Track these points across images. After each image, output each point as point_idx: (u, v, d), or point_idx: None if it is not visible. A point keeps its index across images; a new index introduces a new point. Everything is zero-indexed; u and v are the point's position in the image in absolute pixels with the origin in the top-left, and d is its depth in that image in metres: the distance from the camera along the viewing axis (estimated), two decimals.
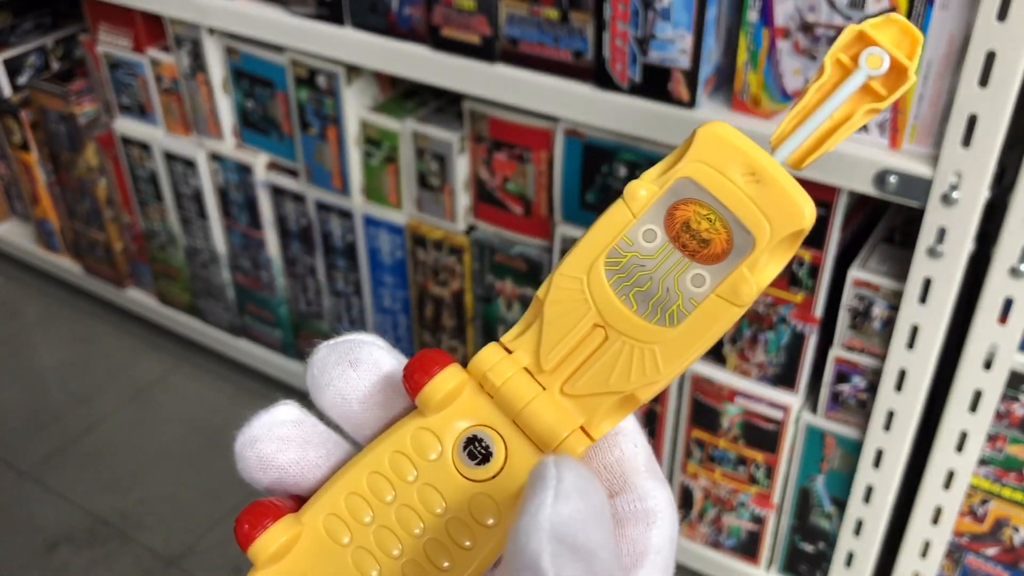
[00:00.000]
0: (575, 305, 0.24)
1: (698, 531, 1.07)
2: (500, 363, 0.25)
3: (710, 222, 0.23)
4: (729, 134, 0.23)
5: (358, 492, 0.25)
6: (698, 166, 0.23)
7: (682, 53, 0.78)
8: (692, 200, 0.23)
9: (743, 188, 0.23)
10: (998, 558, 0.88)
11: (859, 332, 0.85)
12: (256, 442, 0.25)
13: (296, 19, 1.00)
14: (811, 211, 0.23)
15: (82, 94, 1.35)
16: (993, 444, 0.83)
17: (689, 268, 0.23)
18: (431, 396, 0.24)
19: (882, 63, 0.23)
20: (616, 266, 0.24)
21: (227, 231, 1.30)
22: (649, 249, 0.24)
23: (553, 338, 0.24)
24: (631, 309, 0.24)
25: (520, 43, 0.87)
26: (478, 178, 1.02)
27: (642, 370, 0.24)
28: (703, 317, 0.23)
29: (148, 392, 1.43)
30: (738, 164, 0.23)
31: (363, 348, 0.26)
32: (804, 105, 0.24)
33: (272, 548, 0.24)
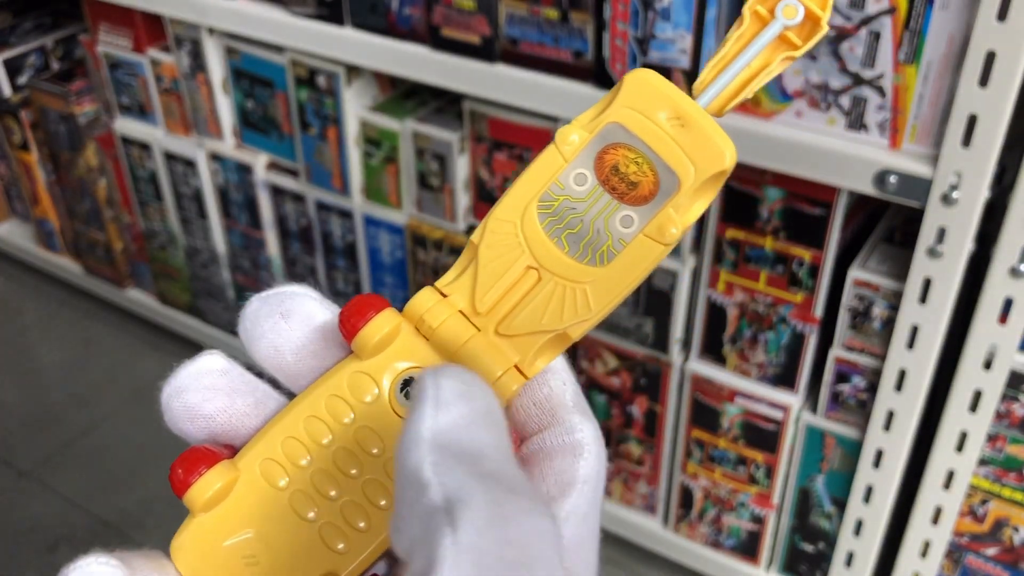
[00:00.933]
0: (509, 248, 0.25)
1: (698, 531, 1.07)
2: (435, 306, 0.25)
3: (638, 165, 0.24)
4: (656, 80, 0.24)
5: (295, 436, 0.25)
6: (626, 111, 0.24)
7: (682, 53, 0.78)
8: (621, 144, 0.24)
9: (669, 132, 0.24)
10: (998, 558, 0.88)
11: (859, 332, 0.85)
12: (182, 392, 0.25)
13: (296, 19, 1.00)
14: (732, 153, 0.24)
15: (82, 94, 1.35)
16: (993, 444, 0.83)
17: (618, 210, 0.24)
18: (367, 340, 0.25)
19: (796, 13, 0.24)
20: (548, 209, 0.25)
21: (227, 231, 1.30)
22: (580, 192, 0.24)
23: (487, 281, 0.25)
24: (563, 250, 0.25)
25: (520, 43, 0.87)
26: (478, 178, 1.02)
27: (574, 308, 0.25)
28: (631, 256, 0.24)
29: (148, 392, 1.42)
30: (664, 109, 0.24)
31: (295, 299, 0.26)
32: (724, 54, 0.25)
33: (208, 494, 0.24)
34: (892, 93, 0.73)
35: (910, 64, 0.71)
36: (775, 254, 0.86)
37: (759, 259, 0.87)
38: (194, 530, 0.25)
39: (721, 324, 0.92)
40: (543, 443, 0.25)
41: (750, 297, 0.89)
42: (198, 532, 0.25)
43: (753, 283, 0.88)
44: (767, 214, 0.84)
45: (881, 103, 0.73)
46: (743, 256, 0.87)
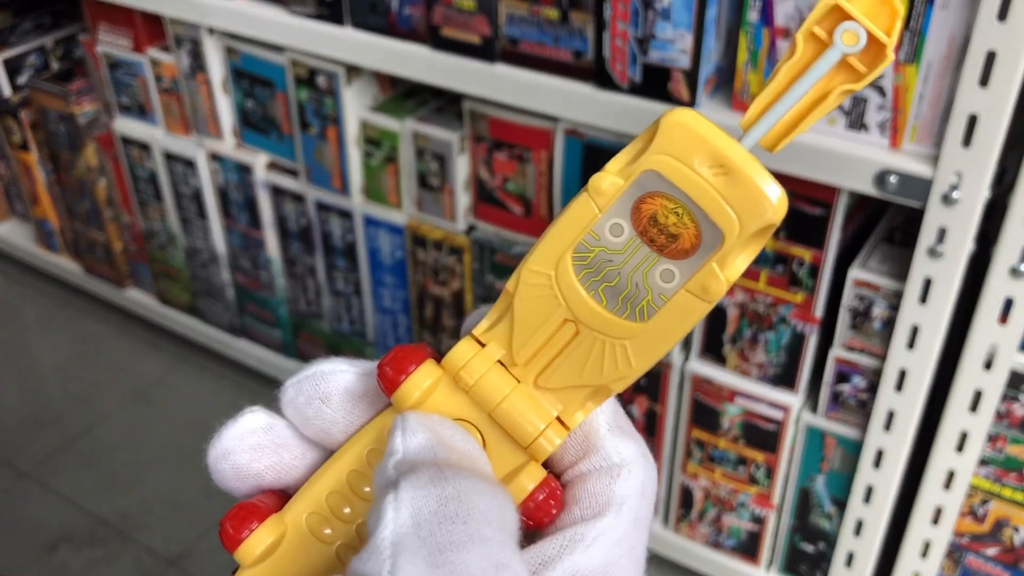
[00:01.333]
0: (545, 301, 0.24)
1: (698, 531, 1.07)
2: (474, 359, 0.24)
3: (677, 216, 0.23)
4: (694, 123, 0.22)
5: (338, 491, 0.25)
6: (663, 158, 0.22)
7: (682, 53, 0.78)
8: (659, 193, 0.23)
9: (710, 181, 0.22)
10: (998, 558, 0.88)
11: (859, 332, 0.85)
12: (229, 454, 0.25)
13: (296, 19, 1.00)
14: (781, 204, 0.22)
15: (82, 94, 1.35)
16: (993, 444, 0.83)
17: (658, 263, 0.23)
18: (407, 395, 0.24)
19: (859, 39, 0.22)
20: (584, 261, 0.24)
21: (227, 231, 1.30)
22: (616, 244, 0.23)
23: (524, 333, 0.24)
24: (601, 304, 0.24)
25: (520, 43, 0.87)
26: (478, 178, 1.02)
27: (614, 365, 0.24)
28: (673, 312, 0.23)
29: (148, 392, 1.43)
30: (704, 155, 0.22)
31: (329, 380, 0.25)
32: (776, 85, 0.23)
33: (259, 549, 0.24)
34: (892, 93, 0.73)
35: (910, 64, 0.71)
36: (775, 254, 0.86)
37: (759, 259, 0.87)
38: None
39: (721, 324, 0.92)
40: (578, 471, 0.25)
41: (750, 297, 0.89)
42: None
43: (753, 283, 0.88)
44: None
45: (881, 103, 0.73)
46: None
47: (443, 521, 0.19)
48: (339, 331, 1.26)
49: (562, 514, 0.24)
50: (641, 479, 0.24)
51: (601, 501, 0.24)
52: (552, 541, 0.23)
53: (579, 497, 0.24)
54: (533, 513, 0.24)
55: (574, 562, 0.22)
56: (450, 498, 0.20)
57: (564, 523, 0.24)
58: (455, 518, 0.20)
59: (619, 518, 0.23)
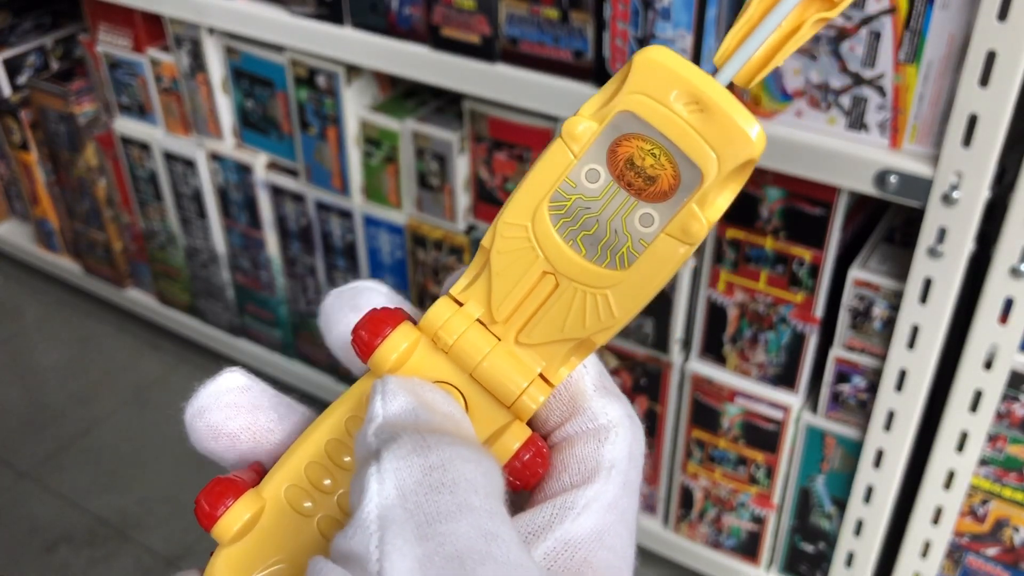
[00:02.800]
0: (522, 254, 0.23)
1: (698, 531, 1.07)
2: (452, 318, 0.24)
3: (654, 157, 0.22)
4: (668, 59, 0.21)
5: (317, 460, 0.24)
6: (637, 98, 0.21)
7: (682, 53, 0.78)
8: (634, 135, 0.22)
9: (686, 118, 0.21)
10: (998, 558, 0.88)
11: (859, 332, 0.85)
12: (204, 412, 0.25)
13: (296, 19, 1.00)
14: (760, 139, 0.21)
15: (82, 94, 1.35)
16: (993, 444, 0.83)
17: (636, 207, 0.22)
18: (384, 359, 0.23)
19: None
20: (561, 210, 0.23)
21: (227, 231, 1.30)
22: (593, 190, 0.22)
23: (503, 289, 0.23)
24: (580, 254, 0.23)
25: (520, 43, 0.87)
26: (478, 178, 1.02)
27: (596, 315, 0.23)
28: (654, 258, 0.22)
29: (148, 392, 1.43)
30: (680, 92, 0.21)
31: (364, 294, 0.26)
32: (749, 17, 0.22)
33: (236, 526, 0.23)
34: (892, 93, 0.73)
35: (910, 64, 0.71)
36: (775, 254, 0.86)
37: (759, 259, 0.87)
38: (224, 562, 0.24)
39: (721, 324, 0.92)
40: (564, 433, 0.24)
41: (750, 297, 0.89)
42: (228, 563, 0.24)
43: (753, 283, 0.88)
44: (767, 214, 0.84)
45: (881, 103, 0.73)
46: (743, 256, 0.87)
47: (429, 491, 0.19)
48: None
49: (551, 480, 0.23)
50: (629, 441, 0.24)
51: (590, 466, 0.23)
52: (542, 509, 0.23)
53: (567, 462, 0.23)
54: (519, 473, 0.23)
55: (565, 530, 0.22)
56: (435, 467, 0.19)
57: (553, 490, 0.23)
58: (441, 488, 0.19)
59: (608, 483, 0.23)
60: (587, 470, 0.23)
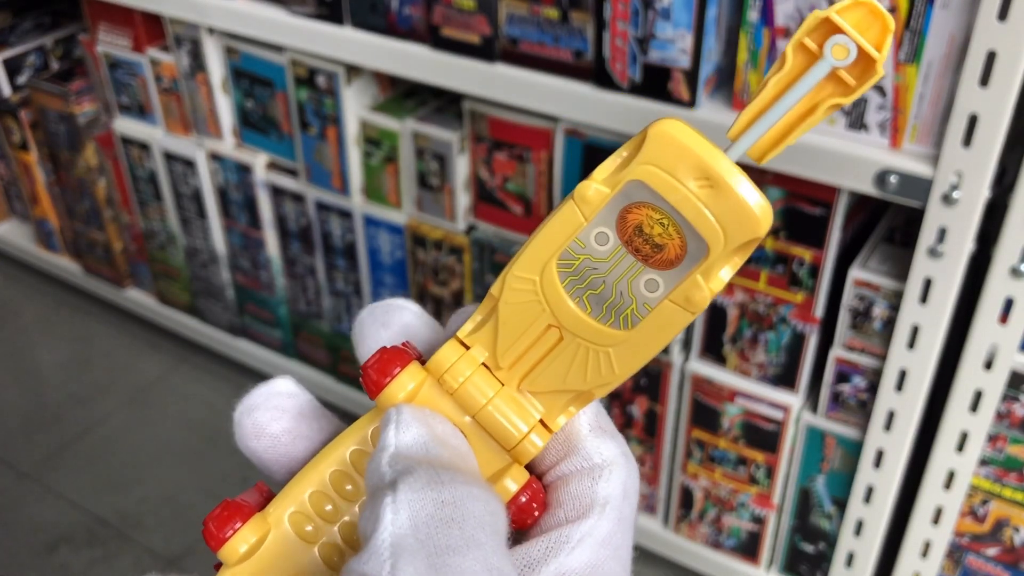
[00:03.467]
0: (529, 306, 0.24)
1: (698, 531, 1.07)
2: (459, 362, 0.25)
3: (663, 227, 0.23)
4: (681, 134, 0.22)
5: (321, 489, 0.25)
6: (649, 169, 0.22)
7: (682, 53, 0.78)
8: (645, 203, 0.23)
9: (696, 193, 0.22)
10: (998, 558, 0.88)
11: (859, 332, 0.85)
12: (253, 410, 0.26)
13: (296, 19, 1.00)
14: (766, 217, 0.22)
15: (82, 94, 1.35)
16: (994, 444, 0.83)
17: (643, 273, 0.23)
18: (391, 398, 0.24)
19: (848, 53, 0.21)
20: (569, 268, 0.24)
21: (227, 231, 1.30)
22: (602, 252, 0.23)
23: (509, 337, 0.24)
24: (585, 312, 0.24)
25: (520, 43, 0.87)
26: (478, 178, 1.02)
27: (598, 371, 0.24)
28: (657, 322, 0.23)
29: (148, 392, 1.43)
30: (691, 167, 0.22)
31: (395, 312, 0.27)
32: (764, 96, 0.22)
33: (242, 548, 0.24)
34: (892, 93, 0.73)
35: (910, 64, 0.71)
36: (775, 254, 0.86)
37: (759, 259, 0.87)
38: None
39: (721, 324, 0.92)
40: (560, 472, 0.25)
41: (750, 297, 0.89)
42: None
43: (753, 283, 0.88)
44: None
45: (881, 103, 0.73)
46: None
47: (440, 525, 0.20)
48: (339, 331, 1.26)
49: (546, 516, 0.24)
50: (623, 479, 0.24)
51: (584, 502, 0.24)
52: (537, 543, 0.23)
53: (562, 499, 0.24)
54: (516, 515, 0.24)
55: (560, 564, 0.23)
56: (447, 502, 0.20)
57: (548, 525, 0.24)
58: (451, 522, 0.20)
59: (603, 519, 0.23)
60: (582, 506, 0.24)
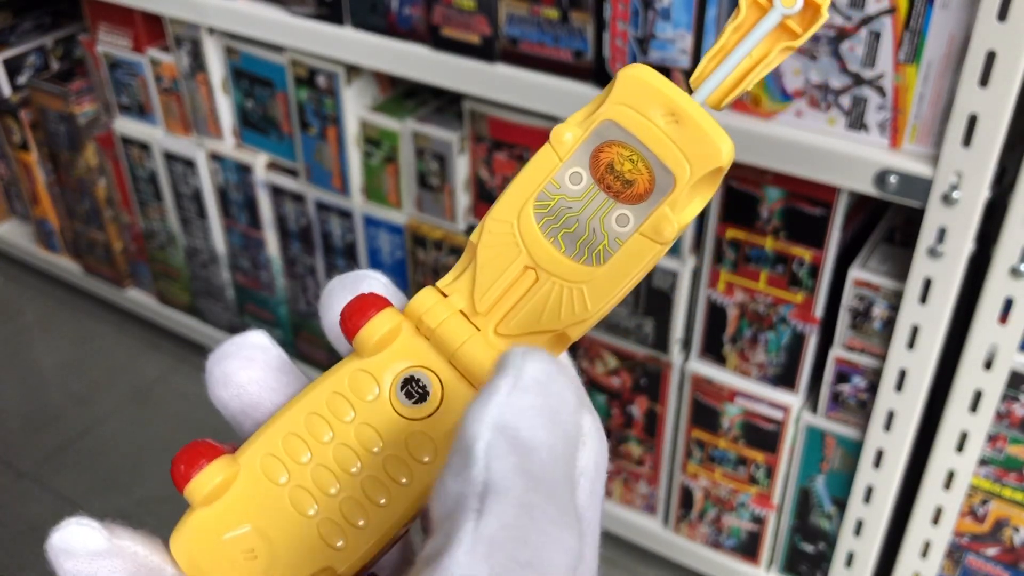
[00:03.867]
0: (506, 248, 0.25)
1: (698, 531, 1.07)
2: (435, 306, 0.25)
3: (632, 163, 0.24)
4: (649, 76, 0.24)
5: (296, 432, 0.25)
6: (620, 108, 0.24)
7: (682, 53, 0.78)
8: (615, 142, 0.24)
9: (663, 129, 0.23)
10: (998, 558, 0.88)
11: (859, 332, 0.85)
12: (224, 359, 0.27)
13: (296, 19, 1.00)
14: (728, 149, 0.23)
15: (82, 94, 1.35)
16: (993, 444, 0.83)
17: (614, 208, 0.24)
18: (367, 339, 0.25)
19: (795, 2, 0.23)
20: (544, 209, 0.25)
21: (227, 231, 1.30)
22: (575, 191, 0.24)
23: (486, 281, 0.25)
24: (560, 250, 0.25)
25: (520, 43, 0.87)
26: (478, 178, 1.02)
27: (571, 309, 0.25)
28: (628, 255, 0.24)
29: (148, 392, 1.43)
30: (658, 105, 0.23)
31: (364, 281, 0.27)
32: (722, 45, 0.24)
33: (208, 488, 0.24)
34: (892, 93, 0.73)
35: (910, 64, 0.71)
36: (775, 254, 0.86)
37: (759, 259, 0.87)
38: (193, 523, 0.25)
39: (721, 324, 0.92)
40: None
41: (750, 297, 0.89)
42: (197, 525, 0.25)
43: (753, 283, 0.88)
44: (767, 214, 0.84)
45: (881, 103, 0.73)
46: (743, 256, 0.87)
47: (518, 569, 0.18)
48: None
49: None
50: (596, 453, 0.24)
51: None
52: None
53: None
54: None
55: None
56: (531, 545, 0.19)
57: None
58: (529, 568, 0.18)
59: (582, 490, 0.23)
60: None
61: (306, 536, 0.25)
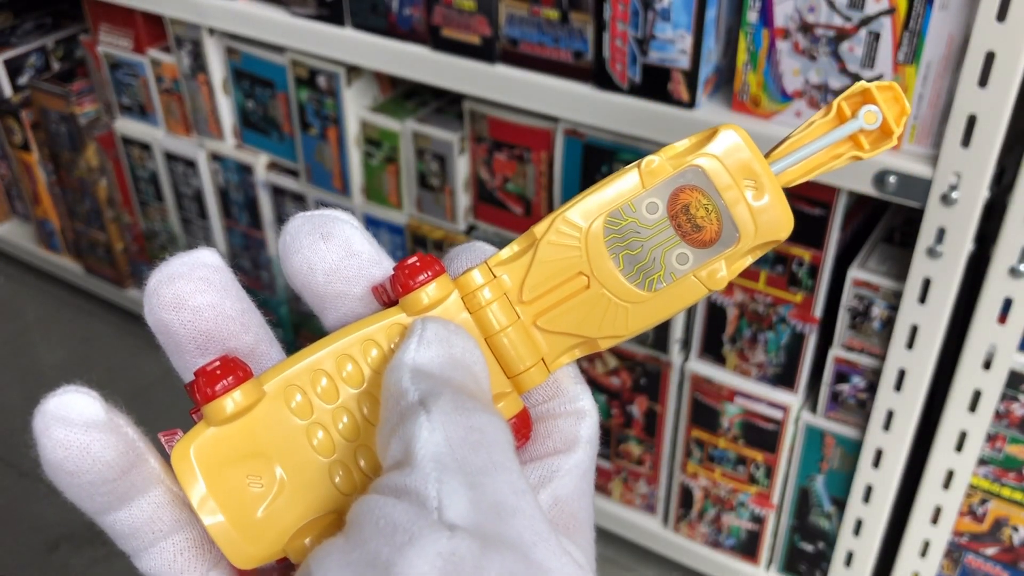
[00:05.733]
0: (568, 250, 0.26)
1: (698, 531, 1.07)
2: (487, 285, 0.27)
3: (707, 211, 0.26)
4: (747, 141, 0.26)
5: (325, 369, 0.25)
6: (712, 161, 0.26)
7: (682, 53, 0.78)
8: (697, 188, 0.26)
9: (743, 192, 0.26)
10: (997, 558, 0.89)
11: (859, 332, 0.85)
12: (175, 279, 0.24)
13: (296, 19, 1.00)
14: (791, 227, 0.26)
15: (83, 94, 1.36)
16: (992, 444, 0.83)
17: (678, 246, 0.26)
18: (417, 300, 0.26)
19: (876, 120, 0.26)
20: (615, 226, 0.26)
21: (227, 231, 1.30)
22: (648, 220, 0.26)
23: (540, 273, 0.27)
24: (618, 268, 0.26)
25: (520, 43, 0.87)
26: (478, 178, 1.02)
27: (612, 323, 0.27)
28: (677, 291, 0.26)
29: (148, 392, 1.43)
30: (745, 170, 0.26)
31: (336, 223, 0.26)
32: (804, 134, 0.27)
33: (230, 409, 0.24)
34: None
35: (910, 64, 0.71)
36: (775, 254, 0.86)
37: (759, 259, 0.87)
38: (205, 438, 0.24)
39: (721, 324, 0.93)
40: (548, 409, 0.27)
41: (750, 297, 0.89)
42: (208, 441, 0.24)
43: (753, 283, 0.88)
44: None
45: None
46: None
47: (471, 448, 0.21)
48: None
49: (534, 445, 0.26)
50: (594, 428, 0.27)
51: (570, 438, 0.26)
52: (533, 469, 0.25)
53: (551, 431, 0.26)
54: None
55: (555, 487, 0.25)
56: (474, 428, 0.22)
57: (539, 453, 0.26)
58: (480, 446, 0.21)
59: (585, 454, 0.26)
60: (568, 440, 0.26)
61: (319, 478, 0.25)
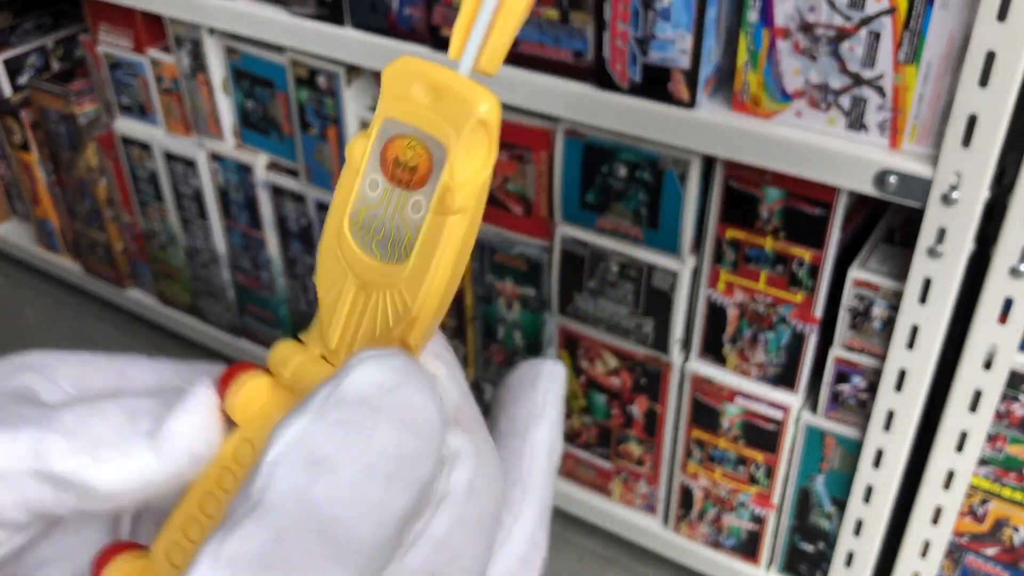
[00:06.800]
0: (337, 276, 0.25)
1: (698, 531, 1.07)
2: (291, 356, 0.25)
3: (412, 149, 0.24)
4: (408, 64, 0.24)
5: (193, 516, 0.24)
6: (391, 103, 0.24)
7: (682, 53, 0.78)
8: (396, 136, 0.24)
9: (425, 105, 0.24)
10: (998, 558, 0.89)
11: (859, 332, 0.85)
12: None
13: (296, 19, 1.00)
14: (484, 100, 0.23)
15: (82, 94, 1.36)
16: (993, 444, 0.83)
17: (408, 199, 0.24)
18: (232, 408, 0.24)
19: None
20: (356, 224, 0.25)
21: (227, 231, 1.30)
22: (375, 197, 0.24)
23: (328, 315, 0.25)
24: (376, 259, 0.24)
25: (520, 43, 0.87)
26: None
27: (396, 312, 0.24)
28: (427, 238, 0.24)
29: None
30: (419, 88, 0.24)
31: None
32: (465, 14, 0.24)
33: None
34: (892, 93, 0.73)
35: (910, 64, 0.71)
36: (775, 254, 0.86)
37: (759, 259, 0.87)
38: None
39: (721, 324, 0.92)
40: None
41: (750, 297, 0.89)
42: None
43: (753, 283, 0.88)
44: (767, 214, 0.84)
45: (881, 103, 0.73)
46: (743, 256, 0.87)
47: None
48: None
49: None
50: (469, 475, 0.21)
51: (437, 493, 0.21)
52: None
53: None
54: None
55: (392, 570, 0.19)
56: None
57: None
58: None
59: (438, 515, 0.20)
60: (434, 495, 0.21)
61: None
